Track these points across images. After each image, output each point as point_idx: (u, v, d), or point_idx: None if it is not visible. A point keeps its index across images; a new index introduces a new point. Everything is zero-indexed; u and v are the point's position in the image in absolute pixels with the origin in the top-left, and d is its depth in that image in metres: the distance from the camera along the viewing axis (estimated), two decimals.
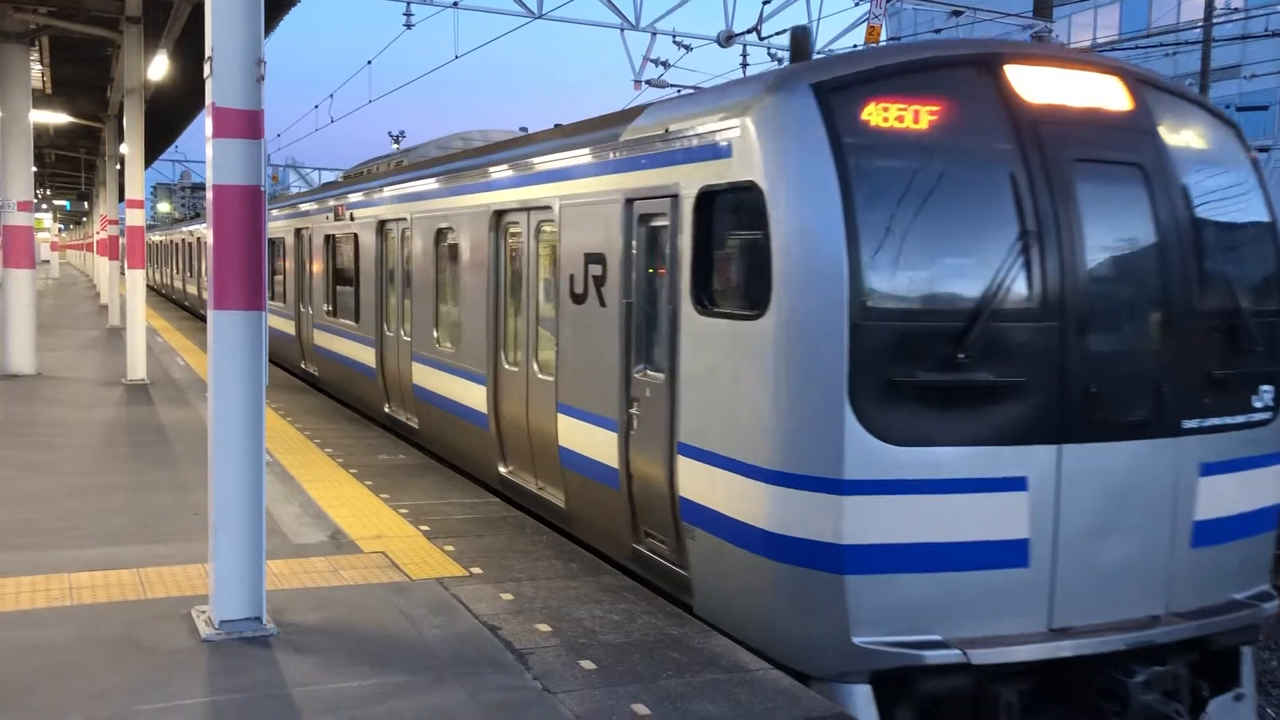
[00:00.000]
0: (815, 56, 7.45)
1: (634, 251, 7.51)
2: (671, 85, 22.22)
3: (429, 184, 11.88)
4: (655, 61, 22.90)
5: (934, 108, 6.04)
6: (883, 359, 5.77)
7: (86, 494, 9.51)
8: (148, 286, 50.20)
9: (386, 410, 13.49)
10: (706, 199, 6.60)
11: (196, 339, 25.80)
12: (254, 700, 5.30)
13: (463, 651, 6.02)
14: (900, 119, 6.00)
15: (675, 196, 6.86)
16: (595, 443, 7.92)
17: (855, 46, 19.30)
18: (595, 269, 7.91)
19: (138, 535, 8.22)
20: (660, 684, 5.66)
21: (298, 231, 18.45)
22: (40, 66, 22.96)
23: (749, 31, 20.89)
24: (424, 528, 8.65)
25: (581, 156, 8.32)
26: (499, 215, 9.90)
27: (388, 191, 13.38)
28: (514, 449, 9.75)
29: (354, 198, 14.93)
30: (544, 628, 6.43)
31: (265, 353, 6.29)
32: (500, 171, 9.97)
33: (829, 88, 6.04)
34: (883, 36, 20.25)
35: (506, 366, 9.77)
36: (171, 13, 17.64)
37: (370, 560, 7.72)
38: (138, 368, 17.46)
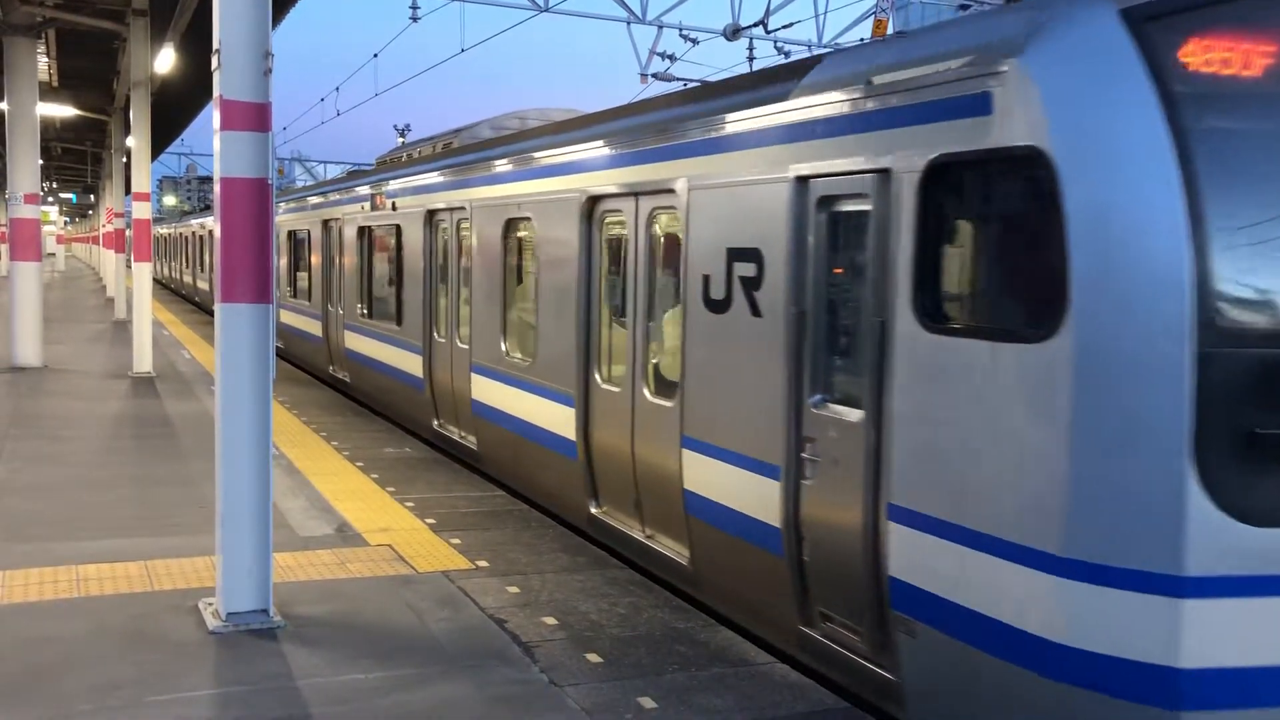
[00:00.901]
0: (820, 52, 7.20)
1: (809, 246, 5.80)
2: (679, 79, 22.21)
3: (495, 167, 10.25)
4: (662, 55, 22.89)
5: None
6: (1243, 403, 4.19)
7: (93, 486, 9.53)
8: (155, 281, 50.52)
9: (435, 426, 11.88)
10: (942, 173, 4.88)
11: (202, 332, 25.83)
12: (261, 692, 5.31)
13: (469, 644, 6.03)
14: (1243, 62, 4.35)
15: (884, 172, 5.17)
16: (742, 491, 6.29)
17: (862, 40, 19.26)
18: (745, 268, 6.22)
19: (145, 528, 8.23)
20: (666, 677, 5.66)
21: (325, 223, 16.92)
22: (47, 59, 22.99)
23: (756, 25, 20.85)
24: (430, 521, 8.66)
25: (724, 126, 6.59)
26: (594, 201, 8.18)
27: (439, 177, 11.78)
28: (612, 486, 8.04)
29: (395, 185, 13.31)
30: (550, 621, 6.43)
31: (273, 346, 6.29)
32: (595, 150, 8.22)
33: (1143, 15, 4.40)
34: (890, 30, 20.21)
35: (602, 385, 8.12)
36: (178, 5, 17.66)
37: (377, 553, 7.74)
38: (144, 360, 17.49)
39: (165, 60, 18.78)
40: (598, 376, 8.17)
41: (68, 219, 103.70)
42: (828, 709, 5.37)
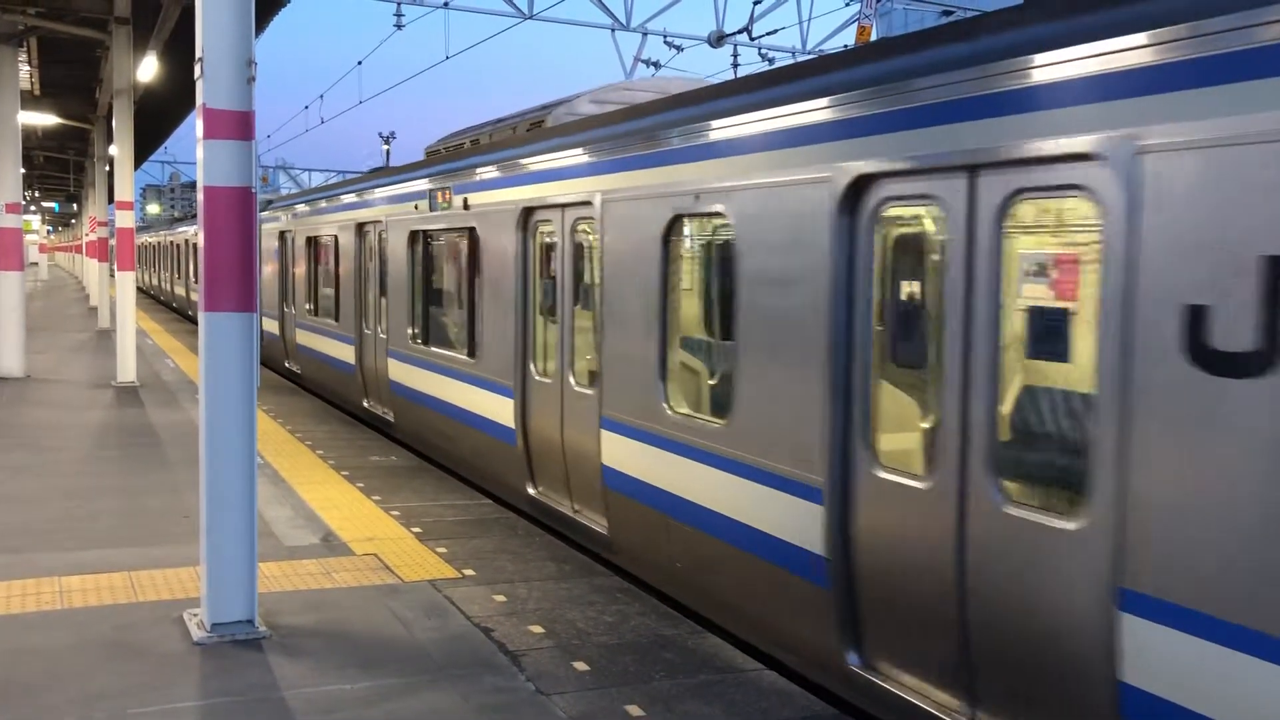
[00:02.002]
0: (806, 58, 7.23)
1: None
2: None
3: (662, 140, 7.04)
4: (646, 62, 22.93)
5: None
6: None
7: (77, 497, 9.48)
8: (138, 289, 50.22)
9: (533, 493, 9.11)
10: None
11: (186, 341, 25.73)
12: (247, 703, 5.29)
13: (456, 653, 6.01)
14: None
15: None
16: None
17: (845, 47, 19.33)
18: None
19: (129, 538, 8.19)
20: (653, 685, 5.66)
21: (360, 228, 14.26)
22: (29, 68, 22.88)
23: (740, 32, 20.92)
24: (416, 529, 8.63)
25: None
26: (863, 185, 5.29)
27: (545, 162, 8.73)
28: (887, 621, 5.28)
29: (474, 176, 10.22)
30: (537, 629, 6.42)
31: (257, 354, 6.27)
32: (862, 105, 5.26)
33: None
34: (873, 37, 20.29)
35: (886, 475, 5.20)
36: (161, 14, 17.59)
37: (362, 562, 7.71)
38: (128, 370, 17.40)
39: (148, 69, 18.70)
40: (871, 453, 5.38)
41: (50, 228, 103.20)
42: (815, 714, 5.37)
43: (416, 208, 11.84)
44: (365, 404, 14.07)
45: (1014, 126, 4.41)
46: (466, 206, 10.33)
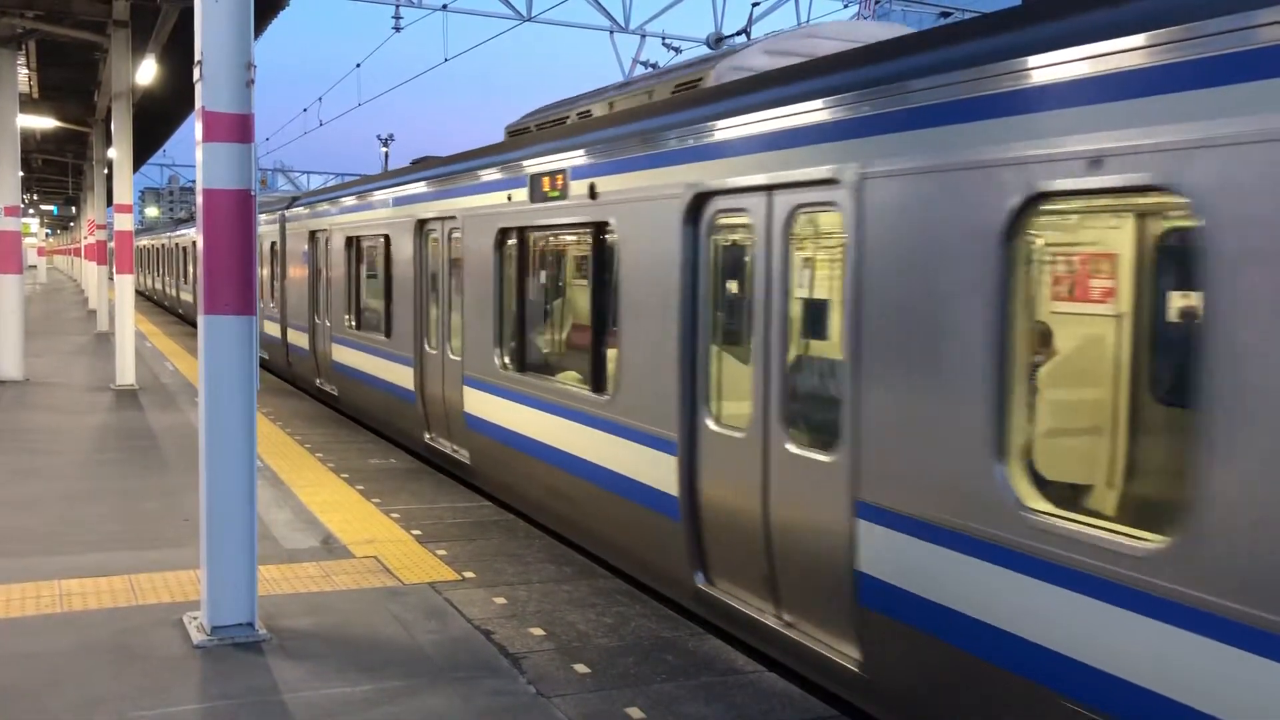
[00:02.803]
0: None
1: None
2: None
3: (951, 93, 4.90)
4: (645, 64, 22.95)
5: None
6: None
7: (77, 500, 9.47)
8: (142, 294, 50.06)
9: (702, 586, 6.84)
10: None
11: (185, 344, 25.72)
12: (247, 706, 5.28)
13: (456, 656, 6.01)
14: None
15: None
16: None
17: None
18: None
19: (129, 541, 8.18)
20: (654, 687, 5.65)
21: (421, 225, 11.94)
22: (27, 71, 22.88)
23: (739, 33, 20.93)
24: (416, 532, 8.63)
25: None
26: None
27: (745, 127, 6.28)
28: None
29: (609, 154, 7.79)
30: (537, 632, 6.42)
31: (256, 356, 6.27)
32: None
33: None
34: None
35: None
36: (159, 17, 17.60)
37: (362, 565, 7.70)
38: (127, 373, 17.40)
39: (146, 71, 18.71)
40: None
41: (49, 231, 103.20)
42: (817, 717, 5.37)
43: (510, 198, 9.41)
44: (428, 438, 11.69)
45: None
46: (593, 194, 7.92)
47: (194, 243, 34.84)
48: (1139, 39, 4.02)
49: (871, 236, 5.27)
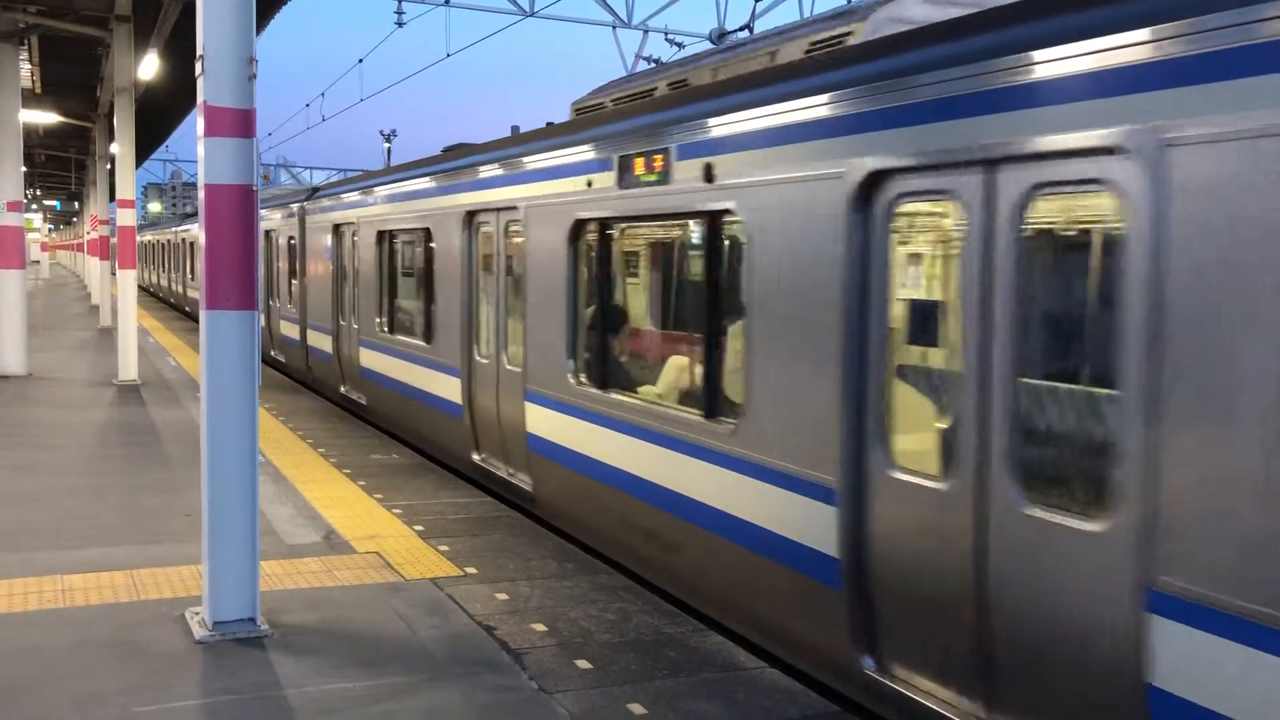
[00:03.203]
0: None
1: None
2: None
3: None
4: (648, 59, 22.93)
5: None
6: None
7: (79, 495, 9.47)
8: (140, 289, 50.00)
9: (885, 677, 5.38)
10: None
11: (188, 339, 25.73)
12: (249, 702, 5.28)
13: (458, 652, 6.00)
14: None
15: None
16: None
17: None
18: None
19: (131, 536, 8.18)
20: (656, 683, 5.64)
21: (470, 218, 10.52)
22: (29, 66, 22.87)
23: (741, 29, 20.89)
24: (418, 527, 8.62)
25: None
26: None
27: (923, 88, 5.07)
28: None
29: (729, 127, 6.54)
30: (539, 627, 6.41)
31: (258, 352, 6.26)
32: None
33: None
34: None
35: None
36: (162, 11, 17.59)
37: (364, 560, 7.70)
38: (129, 368, 17.40)
39: (149, 66, 18.70)
40: None
41: (52, 226, 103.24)
42: (818, 713, 5.36)
43: (590, 184, 8.07)
44: (477, 458, 10.44)
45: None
46: (710, 177, 6.61)
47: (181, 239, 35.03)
48: None
49: (1179, 224, 3.86)
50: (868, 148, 5.34)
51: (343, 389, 15.44)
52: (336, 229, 15.59)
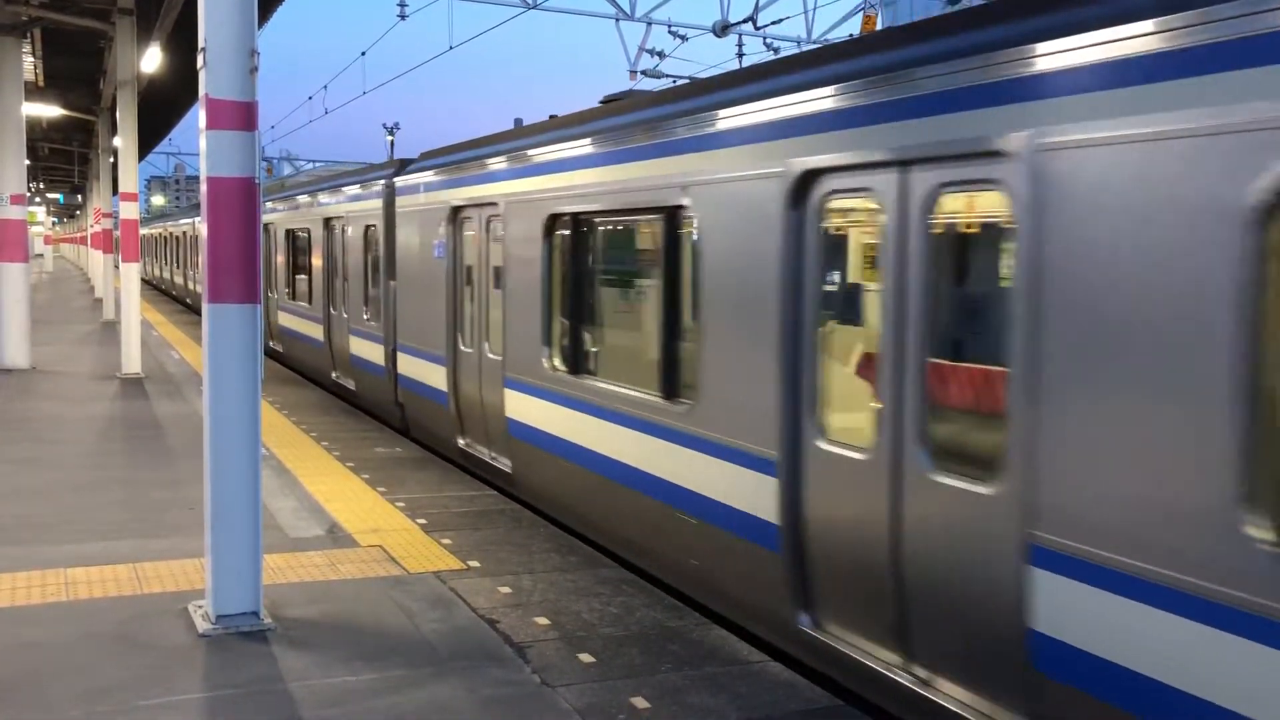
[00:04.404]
0: (810, 47, 6.83)
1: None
2: (668, 76, 22.19)
3: None
4: (651, 52, 22.88)
5: None
6: None
7: (82, 489, 9.48)
8: (144, 282, 49.81)
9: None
10: None
11: (191, 332, 25.74)
12: (252, 695, 5.28)
13: (461, 645, 6.00)
14: None
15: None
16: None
17: (851, 36, 19.26)
18: None
19: (134, 530, 8.19)
20: (659, 677, 5.64)
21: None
22: (32, 59, 22.87)
23: (744, 21, 20.84)
24: (421, 521, 8.62)
25: None
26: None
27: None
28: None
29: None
30: (542, 621, 6.41)
31: (261, 345, 6.26)
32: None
33: None
34: (879, 26, 20.22)
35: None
36: (164, 4, 17.57)
37: (367, 554, 7.70)
38: (132, 362, 17.41)
39: (152, 59, 18.69)
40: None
41: (55, 219, 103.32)
42: (821, 707, 5.35)
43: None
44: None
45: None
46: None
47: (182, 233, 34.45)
48: None
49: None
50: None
51: (462, 442, 10.97)
52: (456, 214, 11.02)
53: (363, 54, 29.97)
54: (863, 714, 5.37)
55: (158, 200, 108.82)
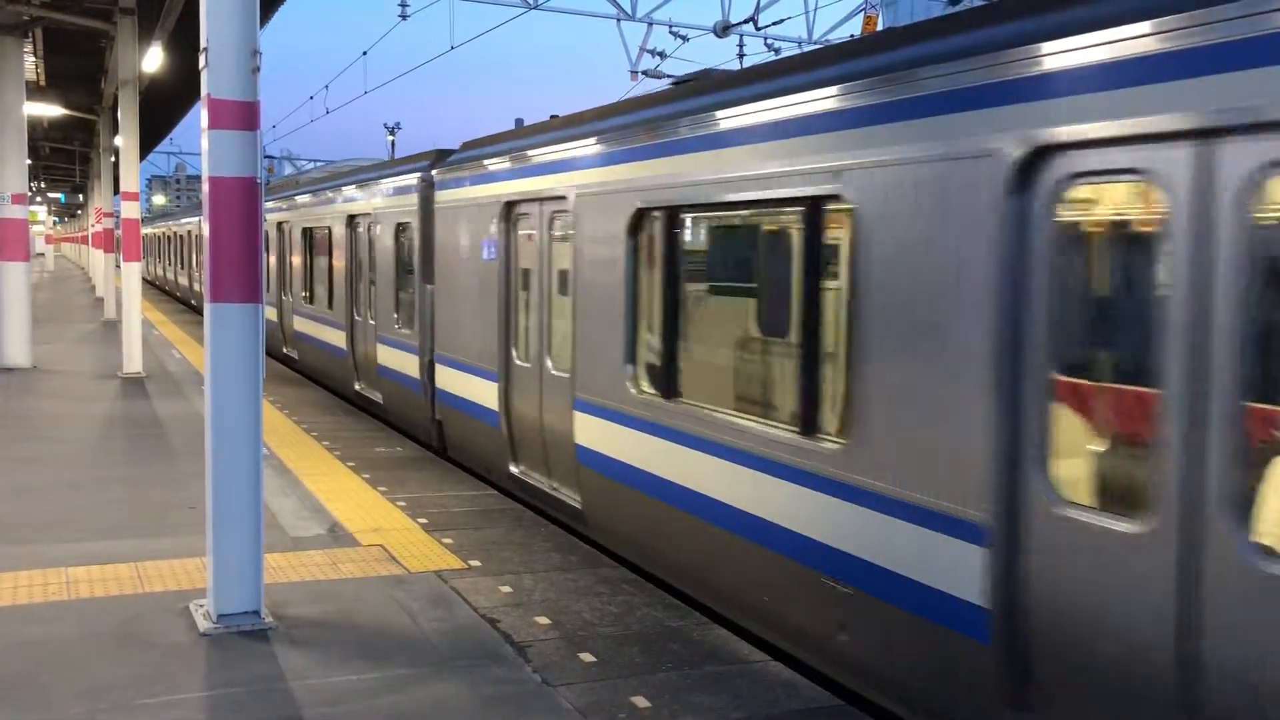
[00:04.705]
0: (812, 48, 6.69)
1: None
2: (669, 76, 22.19)
3: None
4: (652, 52, 22.89)
5: None
6: None
7: (83, 488, 9.49)
8: (145, 281, 49.63)
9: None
10: None
11: (192, 332, 25.75)
12: (253, 694, 5.29)
13: (462, 644, 6.01)
14: None
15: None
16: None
17: (852, 36, 19.28)
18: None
19: (135, 529, 8.19)
20: (660, 676, 5.65)
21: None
22: (33, 58, 22.88)
23: (745, 22, 20.84)
24: (422, 520, 8.63)
25: None
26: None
27: None
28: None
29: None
30: (543, 620, 6.41)
31: (262, 345, 6.27)
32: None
33: None
34: (879, 27, 20.20)
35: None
36: (165, 4, 17.58)
37: (368, 553, 7.71)
38: (134, 361, 17.42)
39: (153, 59, 18.69)
40: None
41: (56, 219, 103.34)
42: (821, 707, 5.36)
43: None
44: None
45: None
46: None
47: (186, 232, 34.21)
48: None
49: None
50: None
51: (515, 469, 9.74)
52: (510, 210, 9.71)
53: (364, 54, 29.98)
54: (863, 714, 5.37)
55: (159, 200, 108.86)
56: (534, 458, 9.37)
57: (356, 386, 14.64)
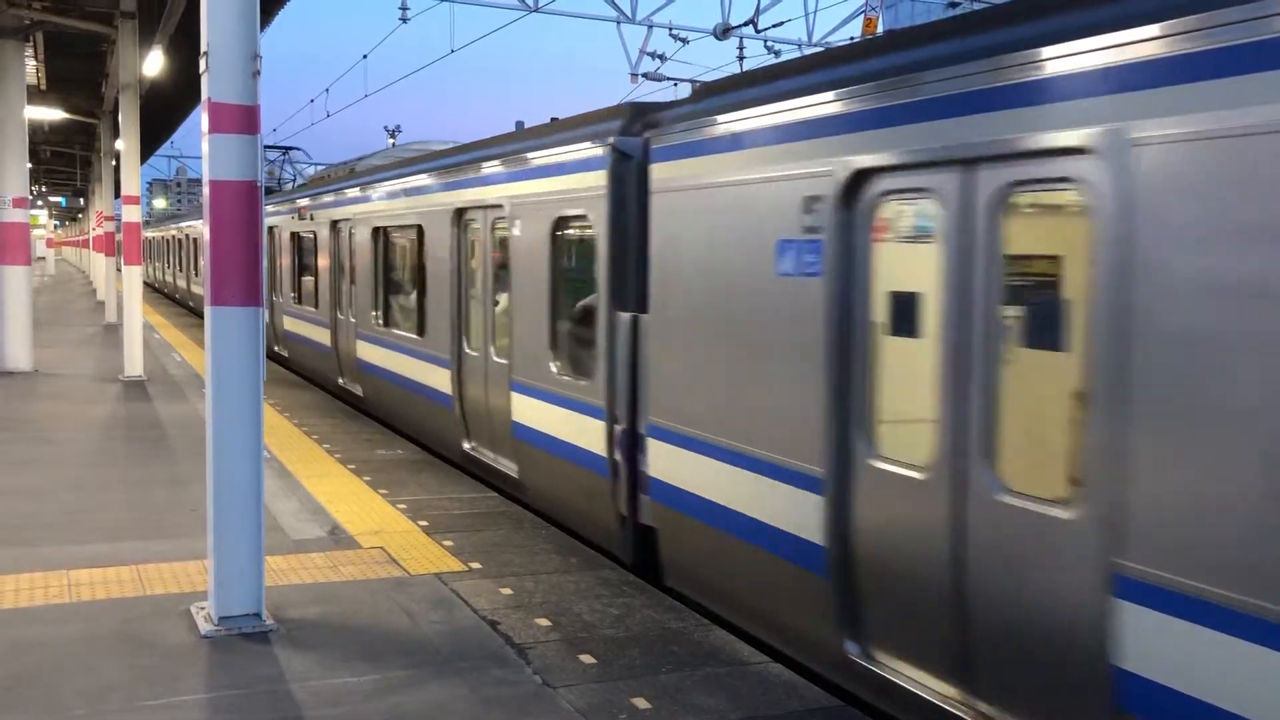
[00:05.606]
0: (812, 51, 6.69)
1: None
2: (669, 78, 22.22)
3: None
4: (652, 55, 22.90)
5: None
6: None
7: (84, 490, 9.50)
8: (146, 285, 49.62)
9: None
10: None
11: (193, 335, 25.77)
12: (254, 696, 5.30)
13: (462, 646, 6.02)
14: None
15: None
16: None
17: (853, 39, 19.31)
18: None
19: (136, 531, 8.21)
20: (660, 678, 5.66)
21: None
22: (35, 62, 22.91)
23: (746, 24, 20.87)
24: (423, 523, 8.64)
25: None
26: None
27: None
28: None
29: None
30: (543, 622, 6.43)
31: (263, 347, 6.28)
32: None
33: None
34: (879, 29, 20.22)
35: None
36: (166, 7, 17.60)
37: (369, 555, 7.72)
38: (135, 364, 17.44)
39: (154, 63, 18.72)
40: None
41: (57, 222, 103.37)
42: (821, 708, 5.37)
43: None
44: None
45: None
46: None
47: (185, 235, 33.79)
48: None
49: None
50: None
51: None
52: (862, 185, 5.69)
53: (364, 57, 30.03)
54: (862, 714, 5.39)
55: (160, 203, 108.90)
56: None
57: (466, 446, 10.88)
